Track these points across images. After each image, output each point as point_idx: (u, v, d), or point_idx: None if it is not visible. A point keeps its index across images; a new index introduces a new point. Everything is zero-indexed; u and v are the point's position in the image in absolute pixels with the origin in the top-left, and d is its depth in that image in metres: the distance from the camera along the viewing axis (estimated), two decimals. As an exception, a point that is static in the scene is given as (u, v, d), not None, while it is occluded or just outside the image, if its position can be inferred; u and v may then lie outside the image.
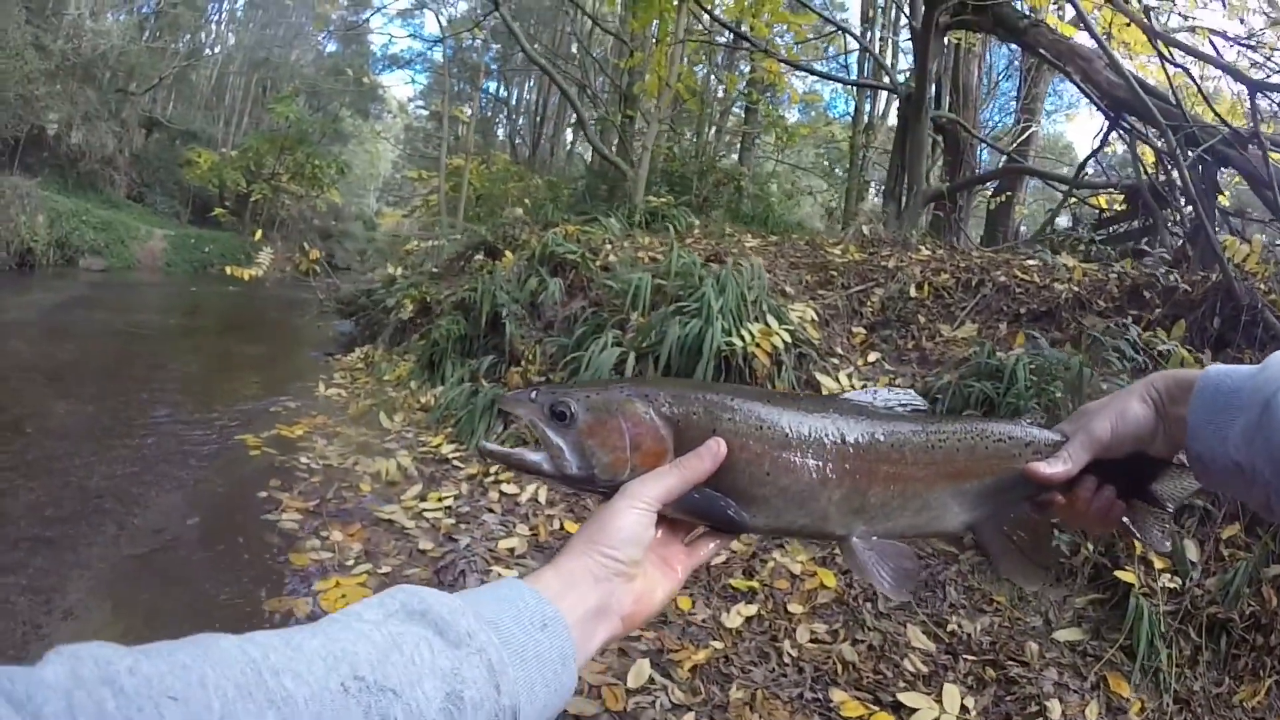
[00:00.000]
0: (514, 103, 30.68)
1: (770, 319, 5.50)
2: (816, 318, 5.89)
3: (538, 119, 28.72)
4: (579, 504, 4.90)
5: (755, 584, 3.68)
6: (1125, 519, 0.95)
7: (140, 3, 28.22)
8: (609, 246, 7.67)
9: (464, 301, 7.44)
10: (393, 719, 0.51)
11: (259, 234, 15.67)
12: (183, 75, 30.26)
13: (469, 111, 24.92)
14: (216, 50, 33.21)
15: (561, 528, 4.47)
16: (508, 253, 7.93)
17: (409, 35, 28.43)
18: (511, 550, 4.28)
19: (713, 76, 19.20)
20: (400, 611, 0.60)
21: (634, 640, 3.27)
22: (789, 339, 5.39)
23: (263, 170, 25.26)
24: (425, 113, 36.03)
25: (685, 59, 13.05)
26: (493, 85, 28.30)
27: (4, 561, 4.17)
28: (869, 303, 6.33)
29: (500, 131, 30.36)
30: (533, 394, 0.85)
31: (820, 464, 0.87)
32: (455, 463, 5.69)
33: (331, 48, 34.85)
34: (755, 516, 0.86)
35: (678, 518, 0.85)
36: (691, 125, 17.18)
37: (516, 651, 0.62)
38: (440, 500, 4.99)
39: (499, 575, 3.75)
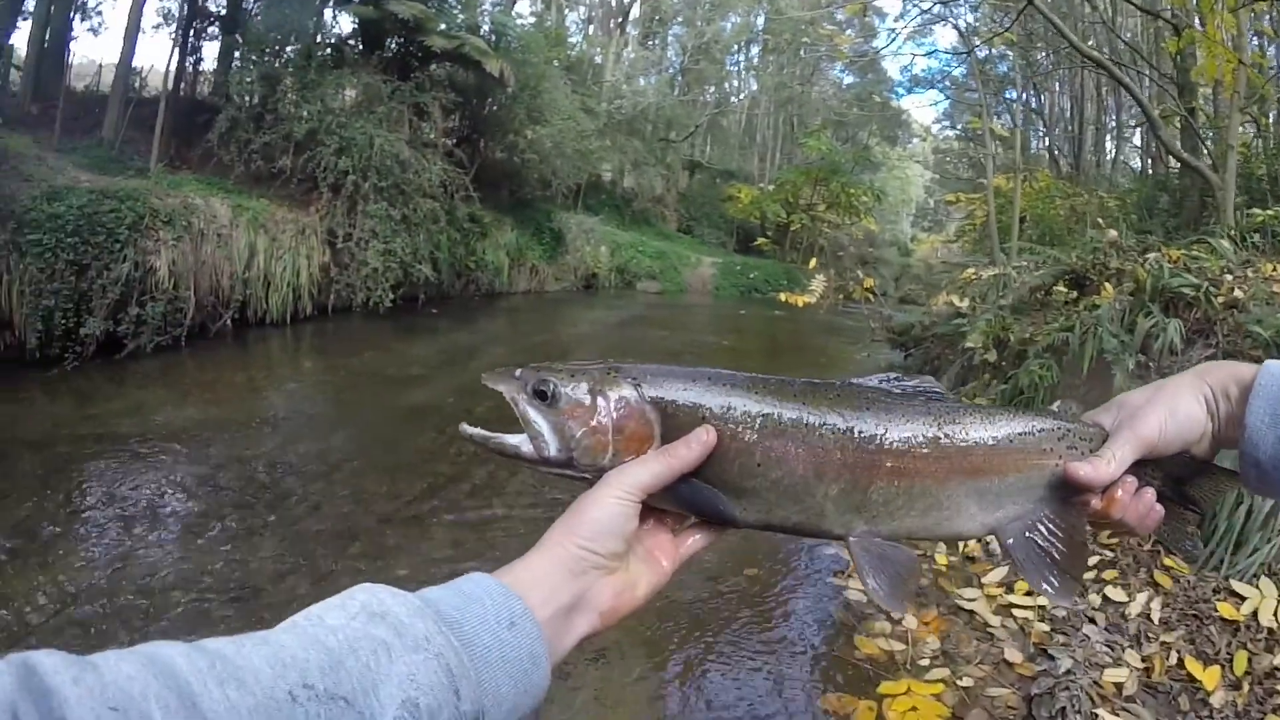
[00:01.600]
0: (1046, 112, 28.24)
1: None
2: None
3: (1074, 128, 25.99)
4: (1200, 632, 3.78)
5: None
6: (1163, 521, 0.85)
7: (667, 64, 32.03)
8: (1228, 277, 6.12)
9: (1056, 344, 6.50)
10: None
11: (813, 263, 16.34)
12: (714, 121, 33.53)
13: (1004, 126, 23.40)
14: (741, 96, 36.02)
15: (1180, 663, 3.51)
16: (1106, 285, 6.83)
17: (925, 54, 27.40)
18: (1119, 687, 3.34)
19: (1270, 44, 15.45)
20: (361, 614, 0.57)
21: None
22: None
23: (799, 201, 26.48)
24: (952, 133, 34.91)
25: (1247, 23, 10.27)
26: (1017, 95, 26.06)
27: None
28: None
29: (1033, 144, 28.11)
30: (517, 371, 0.81)
31: (816, 456, 0.80)
32: (1045, 547, 4.90)
33: (849, 79, 35.41)
34: (746, 510, 0.80)
35: (664, 509, 0.80)
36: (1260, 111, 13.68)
37: (479, 654, 0.59)
38: (1031, 593, 4.10)
39: (1103, 715, 3.15)
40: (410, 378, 8.91)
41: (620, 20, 29.72)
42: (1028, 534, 0.85)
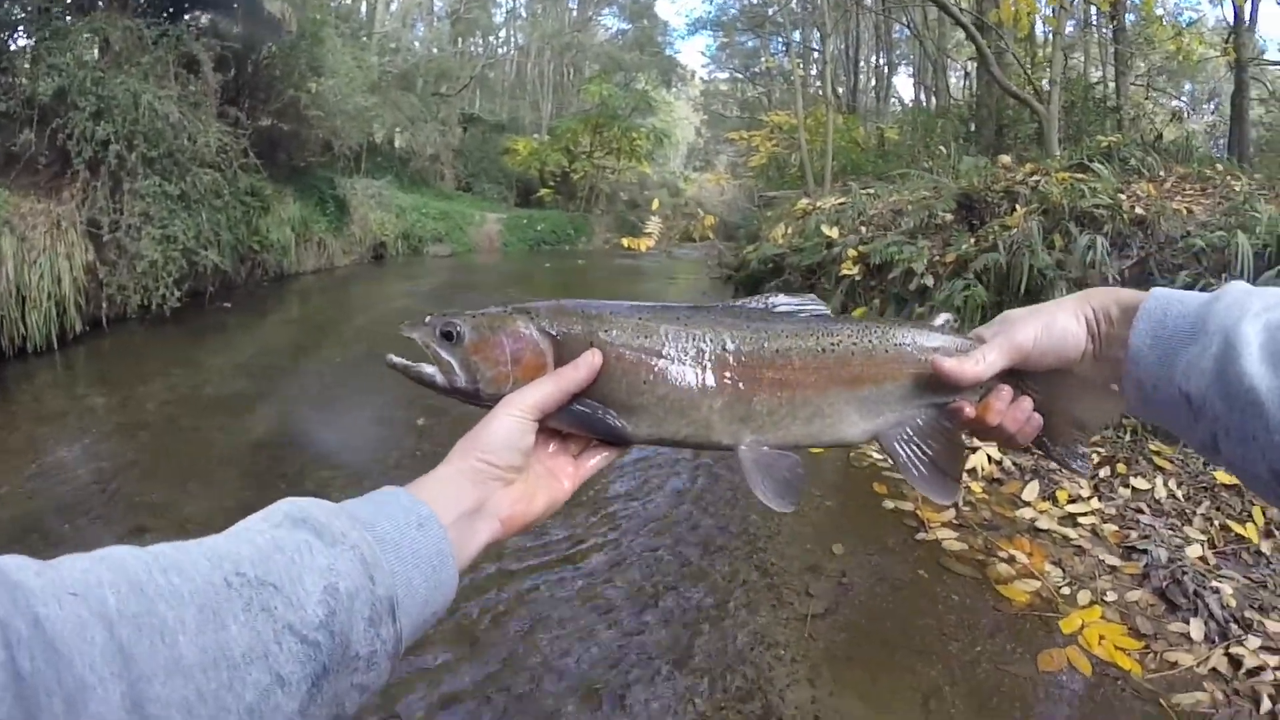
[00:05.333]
0: (823, 53, 29.97)
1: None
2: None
3: (853, 67, 27.37)
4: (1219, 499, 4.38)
5: None
6: (1043, 438, 0.92)
7: (437, 13, 30.56)
8: (1122, 196, 6.51)
9: (981, 265, 6.58)
10: (273, 608, 0.55)
11: (655, 204, 16.55)
12: (482, 73, 32.25)
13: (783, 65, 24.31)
14: (511, 46, 35.07)
15: (1224, 528, 4.10)
16: (1017, 207, 6.97)
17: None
18: (1204, 560, 3.88)
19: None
20: (285, 521, 0.63)
21: None
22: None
23: (579, 149, 26.25)
24: (722, 75, 36.11)
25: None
26: (800, 36, 27.09)
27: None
28: None
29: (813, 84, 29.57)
30: (427, 318, 0.88)
31: (699, 371, 0.87)
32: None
33: (623, 25, 35.56)
34: (638, 427, 0.86)
35: (563, 429, 0.86)
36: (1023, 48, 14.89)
37: (391, 548, 0.65)
38: (1072, 500, 4.52)
39: (1216, 585, 3.56)
40: (233, 397, 7.12)
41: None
42: (907, 438, 0.90)
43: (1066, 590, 3.66)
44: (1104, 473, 4.71)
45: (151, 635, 0.48)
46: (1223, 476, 4.47)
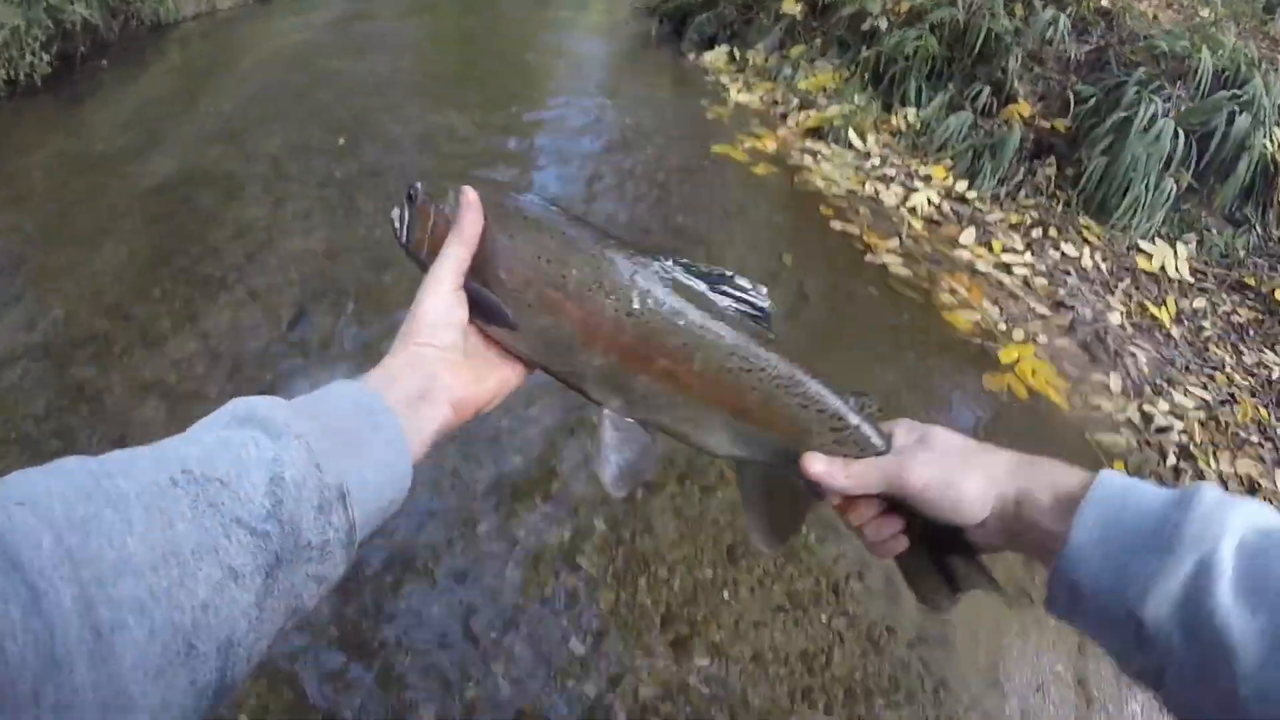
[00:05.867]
0: None
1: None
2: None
3: None
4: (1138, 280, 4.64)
5: None
6: (908, 561, 0.82)
7: None
8: None
9: (937, 18, 6.38)
10: (220, 503, 0.55)
11: None
12: None
13: None
14: None
15: (1141, 306, 4.37)
16: None
17: None
18: (1122, 326, 4.16)
19: None
20: (232, 421, 0.62)
21: None
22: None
23: None
24: None
25: None
26: None
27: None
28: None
29: None
30: (418, 182, 0.87)
31: (589, 323, 0.76)
32: (978, 206, 5.25)
33: None
34: (519, 342, 0.80)
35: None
36: None
37: (337, 435, 0.63)
38: (1005, 250, 4.70)
39: (1133, 350, 3.89)
40: (125, 150, 6.24)
41: None
42: (762, 479, 0.86)
43: (1003, 327, 3.95)
44: (1036, 234, 4.92)
45: (98, 538, 0.49)
46: (1144, 263, 4.72)
